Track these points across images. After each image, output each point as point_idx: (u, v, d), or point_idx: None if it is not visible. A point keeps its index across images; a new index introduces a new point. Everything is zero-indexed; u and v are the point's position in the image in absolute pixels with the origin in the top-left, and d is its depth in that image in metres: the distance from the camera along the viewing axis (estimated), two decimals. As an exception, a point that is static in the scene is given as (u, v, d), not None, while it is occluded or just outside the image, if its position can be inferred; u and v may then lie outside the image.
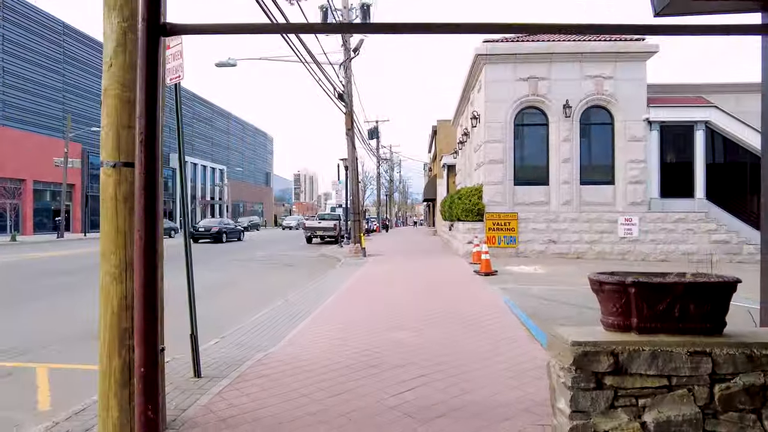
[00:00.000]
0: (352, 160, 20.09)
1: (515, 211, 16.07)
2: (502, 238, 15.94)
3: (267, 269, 16.23)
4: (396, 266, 14.59)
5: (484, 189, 16.21)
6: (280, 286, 12.15)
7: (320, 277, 12.79)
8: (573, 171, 16.08)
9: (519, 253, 16.03)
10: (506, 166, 16.12)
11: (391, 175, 67.34)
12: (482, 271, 11.51)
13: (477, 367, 4.83)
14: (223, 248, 25.69)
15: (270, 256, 21.07)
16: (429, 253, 18.84)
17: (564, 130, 16.10)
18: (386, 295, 9.35)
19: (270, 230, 59.49)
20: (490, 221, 15.94)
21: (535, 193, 16.23)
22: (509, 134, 16.19)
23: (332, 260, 18.98)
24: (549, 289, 9.62)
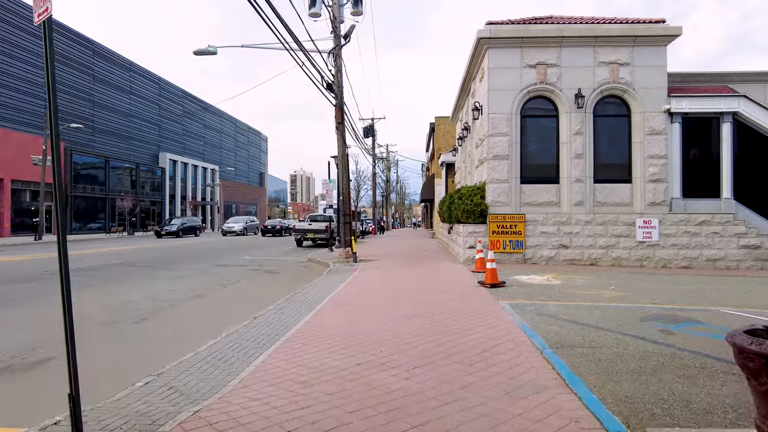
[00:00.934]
0: (343, 156, 18.43)
1: (522, 213, 14.45)
2: (508, 243, 14.31)
3: (246, 277, 14.58)
4: (388, 274, 12.94)
5: (488, 188, 14.57)
6: (255, 298, 10.60)
7: (301, 288, 11.15)
8: (586, 168, 14.46)
9: (526, 259, 14.40)
10: (512, 162, 14.49)
11: (388, 175, 65.63)
12: (487, 282, 9.87)
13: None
14: (208, 250, 23.98)
15: (254, 261, 19.40)
16: (426, 259, 17.19)
17: (576, 122, 14.48)
18: (373, 314, 7.69)
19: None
20: (494, 224, 14.30)
21: (544, 192, 14.61)
22: (515, 127, 14.56)
23: (320, 267, 17.32)
24: (570, 307, 7.97)
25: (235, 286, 12.61)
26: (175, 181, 65.82)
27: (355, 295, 9.72)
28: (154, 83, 62.15)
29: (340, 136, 18.43)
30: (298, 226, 28.32)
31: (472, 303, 8.32)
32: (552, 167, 14.78)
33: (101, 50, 51.26)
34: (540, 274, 12.08)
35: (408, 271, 13.35)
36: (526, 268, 13.60)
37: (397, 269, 13.97)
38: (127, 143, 56.27)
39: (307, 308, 8.59)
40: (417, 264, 15.35)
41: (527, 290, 9.62)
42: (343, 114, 18.45)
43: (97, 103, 50.74)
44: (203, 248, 26.90)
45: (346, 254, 17.84)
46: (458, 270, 13.24)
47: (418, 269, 13.82)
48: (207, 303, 10.18)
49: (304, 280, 13.95)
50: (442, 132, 35.34)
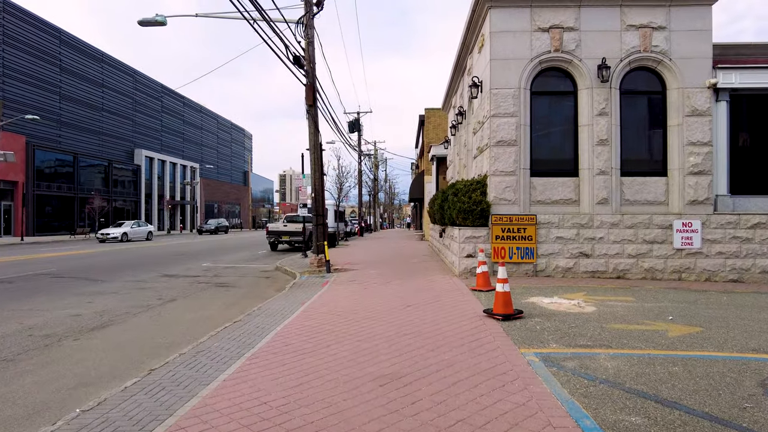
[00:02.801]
0: (315, 145, 15.46)
1: (533, 213, 11.57)
2: (515, 251, 11.42)
3: (187, 293, 11.63)
4: (363, 294, 10.00)
5: (490, 181, 11.68)
6: (177, 331, 7.87)
7: (245, 315, 8.26)
8: (612, 157, 11.62)
9: (538, 271, 11.52)
10: (520, 149, 11.60)
11: (375, 174, 62.66)
12: (498, 312, 6.94)
13: None
14: (167, 256, 20.80)
15: (211, 270, 16.40)
16: (414, 269, 14.24)
17: (599, 100, 11.64)
18: (323, 375, 4.74)
19: (244, 233, 54.60)
20: (497, 227, 11.41)
21: (559, 187, 11.75)
22: (524, 105, 11.68)
23: (284, 278, 14.35)
24: (635, 361, 5.06)
25: (163, 309, 9.63)
26: (152, 179, 62.39)
27: (309, 331, 6.75)
28: (129, 76, 58.74)
29: (312, 120, 15.47)
30: (272, 228, 25.25)
31: (480, 356, 5.37)
32: (569, 156, 11.92)
33: (69, 39, 47.81)
34: (563, 294, 9.18)
35: (389, 290, 10.39)
36: (539, 282, 10.72)
37: (376, 286, 11.02)
38: (98, 139, 52.85)
39: (232, 355, 5.72)
40: (402, 277, 12.41)
41: (556, 324, 6.71)
42: (315, 94, 15.49)
43: (65, 96, 47.31)
44: (164, 253, 23.75)
45: (319, 262, 14.89)
46: (454, 287, 10.31)
47: (402, 286, 10.87)
48: (103, 339, 7.21)
49: (258, 297, 11.05)
50: (432, 125, 32.47)
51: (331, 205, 31.25)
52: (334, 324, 7.15)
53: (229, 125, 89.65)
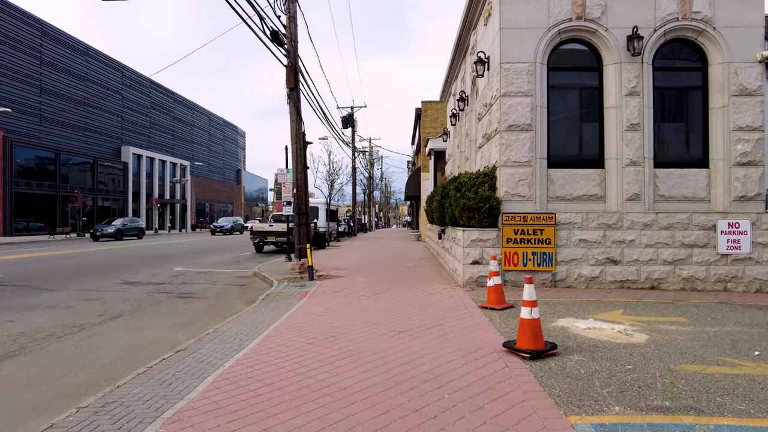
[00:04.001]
0: (297, 134, 13.57)
1: (551, 212, 9.70)
2: (530, 257, 9.55)
3: (138, 307, 9.80)
4: (348, 308, 8.11)
5: (500, 174, 9.80)
6: (110, 358, 6.40)
7: (200, 338, 6.49)
8: (644, 145, 9.77)
9: (557, 280, 9.66)
10: (536, 135, 9.73)
11: (371, 171, 60.75)
12: (524, 347, 5.05)
13: None
14: (139, 258, 18.77)
15: (181, 276, 14.52)
16: (410, 277, 12.36)
17: (629, 77, 9.78)
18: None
19: (234, 233, 52.56)
20: (509, 227, 9.53)
21: (582, 181, 9.88)
22: (540, 83, 9.81)
23: (261, 286, 12.47)
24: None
25: (98, 330, 7.79)
26: (140, 177, 60.33)
27: (262, 376, 4.86)
28: (116, 71, 56.68)
29: (294, 106, 13.57)
30: (256, 228, 23.34)
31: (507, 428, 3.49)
32: (593, 144, 10.06)
33: (51, 30, 45.72)
34: (596, 313, 7.29)
35: (378, 306, 8.50)
36: (560, 295, 8.85)
37: (363, 300, 9.12)
38: (83, 135, 50.81)
39: (146, 415, 3.86)
40: (395, 287, 10.52)
41: (606, 365, 4.82)
42: (296, 77, 13.59)
43: (46, 90, 45.26)
44: (139, 254, 21.74)
45: (301, 268, 13.00)
46: (458, 302, 8.43)
47: (394, 300, 8.97)
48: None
49: (221, 313, 9.20)
50: (429, 119, 30.58)
51: (322, 204, 29.37)
52: (299, 362, 5.26)
53: (222, 122, 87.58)
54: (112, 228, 37.19)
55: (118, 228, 37.54)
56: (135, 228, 40.59)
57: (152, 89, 64.61)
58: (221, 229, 51.24)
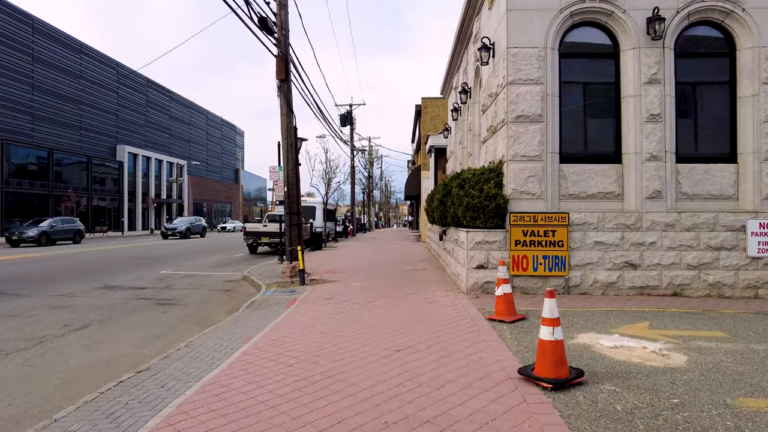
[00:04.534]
0: (288, 128, 12.69)
1: (564, 211, 8.81)
2: (541, 260, 8.66)
3: (116, 312, 9.10)
4: (338, 320, 7.22)
5: (508, 169, 8.90)
6: (59, 380, 5.42)
7: (168, 355, 5.64)
8: (665, 137, 8.88)
9: (571, 286, 8.77)
10: (547, 127, 8.84)
11: (370, 171, 59.82)
12: (545, 375, 4.15)
13: None
14: (124, 260, 17.84)
15: (165, 280, 13.65)
16: (409, 281, 11.47)
17: (649, 63, 8.89)
18: None
19: (228, 234, 51.65)
20: (518, 228, 8.64)
21: (597, 177, 8.99)
22: (551, 69, 8.92)
23: (248, 291, 11.60)
24: None
25: (57, 344, 6.95)
26: (136, 177, 59.43)
27: (226, 412, 3.97)
28: (111, 68, 55.77)
29: (284, 99, 12.69)
30: (250, 228, 22.46)
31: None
32: (609, 137, 9.18)
33: (42, 26, 44.83)
34: (620, 325, 6.40)
35: (372, 318, 7.61)
36: (574, 303, 7.96)
37: (357, 309, 8.24)
38: (77, 134, 49.95)
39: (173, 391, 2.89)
40: (392, 293, 9.62)
41: (646, 398, 3.93)
42: (287, 68, 12.71)
43: (39, 87, 44.38)
44: (128, 255, 20.80)
45: (292, 271, 12.13)
46: (462, 312, 7.54)
47: (391, 310, 8.08)
48: None
49: (200, 322, 8.40)
50: (430, 116, 29.69)
51: (319, 203, 28.50)
52: (274, 391, 4.38)
53: (220, 121, 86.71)
54: (34, 231, 30.06)
55: (44, 231, 30.55)
56: (69, 230, 33.37)
57: (148, 87, 63.75)
58: (174, 231, 40.12)
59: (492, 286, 8.70)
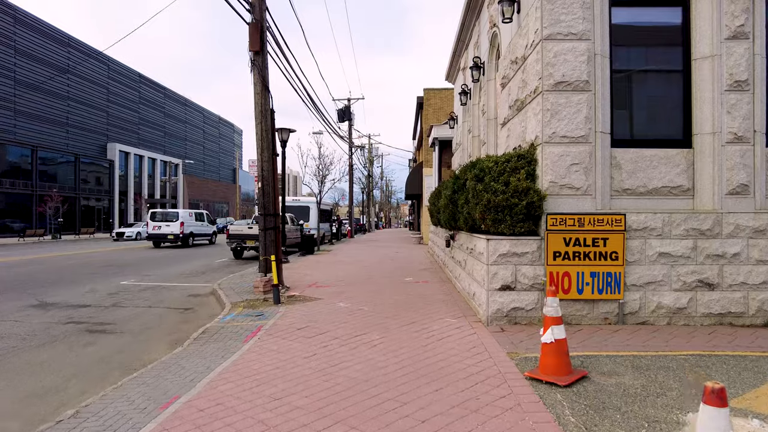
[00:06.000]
0: (263, 110, 10.42)
1: (619, 212, 6.51)
2: (588, 279, 6.37)
3: (20, 346, 6.89)
4: (308, 367, 4.94)
5: (543, 154, 6.59)
6: None
7: None
8: (754, 112, 6.60)
9: (626, 314, 6.48)
10: (595, 98, 6.55)
11: (370, 170, 57.52)
12: None
13: None
14: (87, 267, 15.51)
15: (119, 293, 11.42)
16: (408, 301, 9.18)
17: (733, 10, 6.60)
18: None
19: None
20: (557, 236, 6.35)
21: (660, 166, 6.69)
22: (600, 21, 6.63)
23: (208, 312, 9.33)
24: None
25: None
26: (128, 176, 57.23)
27: None
28: (102, 63, 53.54)
29: (258, 75, 10.44)
30: (233, 230, 20.19)
31: None
32: (676, 112, 6.88)
33: (25, 17, 42.62)
34: (741, 393, 4.11)
35: (356, 369, 5.33)
36: (637, 339, 5.68)
37: (335, 349, 5.96)
38: (64, 131, 47.76)
39: None
40: (388, 322, 7.33)
41: None
42: (262, 37, 10.46)
43: (21, 81, 42.15)
44: (96, 261, 18.53)
45: (265, 286, 9.88)
46: (486, 362, 5.24)
47: (383, 355, 5.78)
48: None
49: (125, 363, 6.10)
50: (433, 108, 27.43)
51: (313, 203, 26.24)
52: None
53: (217, 119, 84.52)
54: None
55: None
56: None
57: (141, 83, 61.55)
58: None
59: (521, 314, 6.43)
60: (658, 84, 6.97)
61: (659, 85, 6.97)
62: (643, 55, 6.92)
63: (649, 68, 6.96)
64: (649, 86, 6.98)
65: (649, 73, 6.95)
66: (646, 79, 6.98)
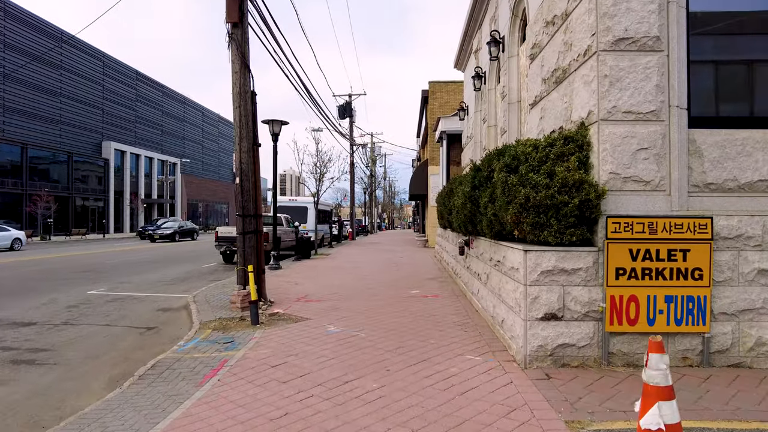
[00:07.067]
0: (242, 91, 8.77)
1: (703, 213, 4.82)
2: (662, 304, 4.69)
3: None
4: None
5: (599, 136, 4.89)
6: None
7: None
8: None
9: (714, 351, 4.79)
10: (668, 61, 4.86)
11: (373, 169, 55.85)
12: None
13: None
14: (61, 272, 13.82)
15: (79, 306, 9.81)
16: (415, 323, 7.50)
17: None
18: None
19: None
20: (621, 246, 4.66)
21: (757, 153, 4.99)
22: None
23: (174, 332, 7.68)
24: None
25: None
26: (124, 175, 55.67)
27: None
28: (97, 60, 52.02)
29: (237, 52, 8.78)
30: (222, 233, 18.57)
31: None
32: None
33: (13, 9, 41.08)
34: None
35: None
36: (736, 395, 4.01)
37: (317, 406, 4.26)
38: (56, 128, 46.20)
39: None
40: (391, 358, 5.66)
41: None
42: (242, 6, 8.79)
43: (11, 77, 40.59)
44: (75, 265, 16.91)
45: (243, 301, 8.23)
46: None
47: (385, 411, 4.09)
48: None
49: (30, 416, 4.31)
50: (439, 103, 25.75)
51: (310, 203, 24.57)
52: None
53: (217, 118, 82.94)
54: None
55: None
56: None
57: (138, 81, 59.98)
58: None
59: (571, 353, 4.75)
60: (755, 43, 5.28)
61: (756, 44, 5.28)
62: (732, 1, 5.23)
63: (739, 20, 5.26)
64: (741, 45, 5.30)
65: (738, 29, 5.26)
66: (737, 40, 5.29)
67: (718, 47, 5.24)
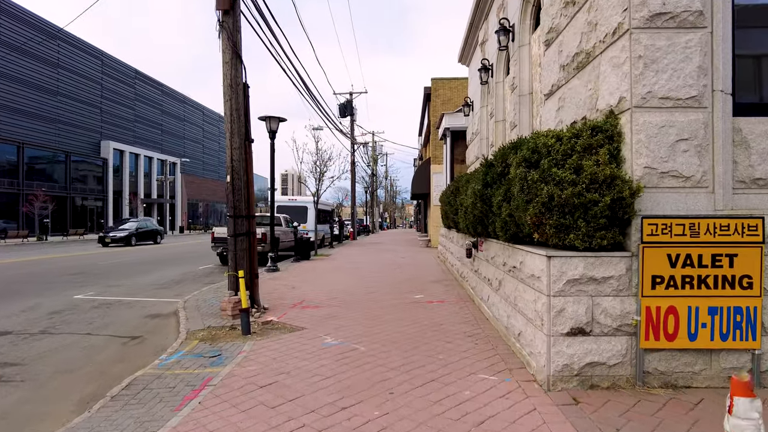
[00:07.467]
0: (233, 83, 8.18)
1: (753, 213, 4.21)
2: (705, 317, 4.09)
3: None
4: None
5: (632, 125, 4.28)
6: None
7: None
8: None
9: (764, 371, 4.18)
10: (713, 40, 4.25)
11: (374, 168, 55.23)
12: None
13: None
14: (46, 275, 13.23)
15: (62, 312, 9.25)
16: (420, 332, 6.91)
17: None
18: None
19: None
20: (658, 251, 4.06)
21: (812, 143, 4.39)
22: None
23: (160, 342, 7.09)
24: None
25: None
26: (123, 174, 55.16)
27: None
28: (95, 58, 51.49)
29: (228, 41, 8.19)
30: (218, 233, 18.00)
31: None
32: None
33: (10, 6, 40.53)
34: None
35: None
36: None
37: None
38: (54, 128, 45.68)
39: None
40: (394, 377, 5.06)
41: None
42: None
43: (6, 75, 40.14)
44: (63, 267, 16.35)
45: (233, 309, 7.65)
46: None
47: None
48: None
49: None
50: (441, 100, 25.13)
51: (310, 203, 23.98)
52: None
53: (217, 118, 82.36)
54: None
55: None
56: None
57: (137, 79, 59.44)
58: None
59: (601, 372, 4.14)
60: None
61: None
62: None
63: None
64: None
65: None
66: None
67: (766, 24, 4.63)
